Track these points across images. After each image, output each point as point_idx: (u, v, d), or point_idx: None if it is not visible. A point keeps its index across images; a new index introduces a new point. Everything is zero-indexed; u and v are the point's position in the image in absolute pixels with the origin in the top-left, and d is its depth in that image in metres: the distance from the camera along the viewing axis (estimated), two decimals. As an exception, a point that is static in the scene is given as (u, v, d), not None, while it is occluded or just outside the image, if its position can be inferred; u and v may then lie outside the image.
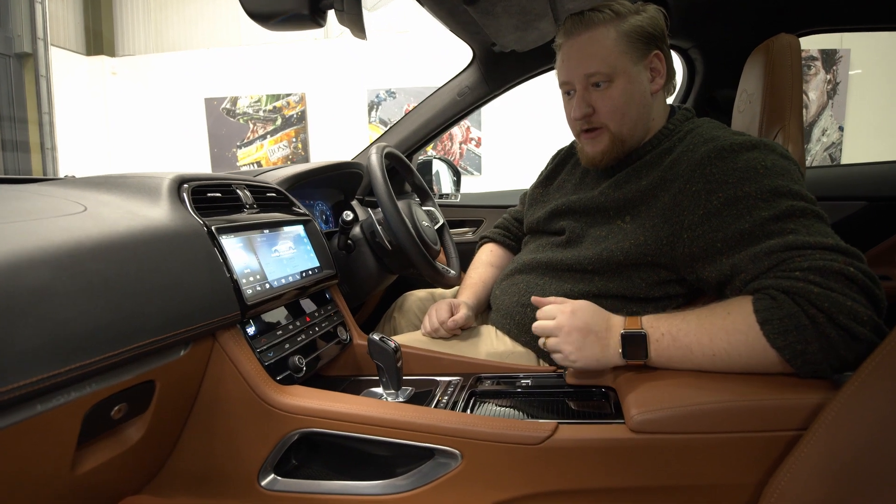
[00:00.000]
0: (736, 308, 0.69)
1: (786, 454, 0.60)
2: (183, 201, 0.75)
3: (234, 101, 5.81)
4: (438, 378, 0.90)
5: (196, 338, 0.66)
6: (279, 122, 5.75)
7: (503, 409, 0.79)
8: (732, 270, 0.74)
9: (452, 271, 1.24)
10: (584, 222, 0.97)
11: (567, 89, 0.96)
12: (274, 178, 1.10)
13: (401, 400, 0.82)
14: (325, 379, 0.96)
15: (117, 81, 6.06)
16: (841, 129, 4.83)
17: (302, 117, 5.72)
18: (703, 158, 0.80)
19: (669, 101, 1.00)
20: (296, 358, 0.78)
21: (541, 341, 0.79)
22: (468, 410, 0.77)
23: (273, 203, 0.96)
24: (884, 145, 4.53)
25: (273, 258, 0.85)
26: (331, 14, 0.86)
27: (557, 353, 0.75)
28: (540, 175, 1.18)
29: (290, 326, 0.83)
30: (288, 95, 5.71)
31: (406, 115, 1.56)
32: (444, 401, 0.80)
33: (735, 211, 0.75)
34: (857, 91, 4.74)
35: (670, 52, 0.95)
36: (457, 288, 1.25)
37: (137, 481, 0.72)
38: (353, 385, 0.92)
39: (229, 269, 0.72)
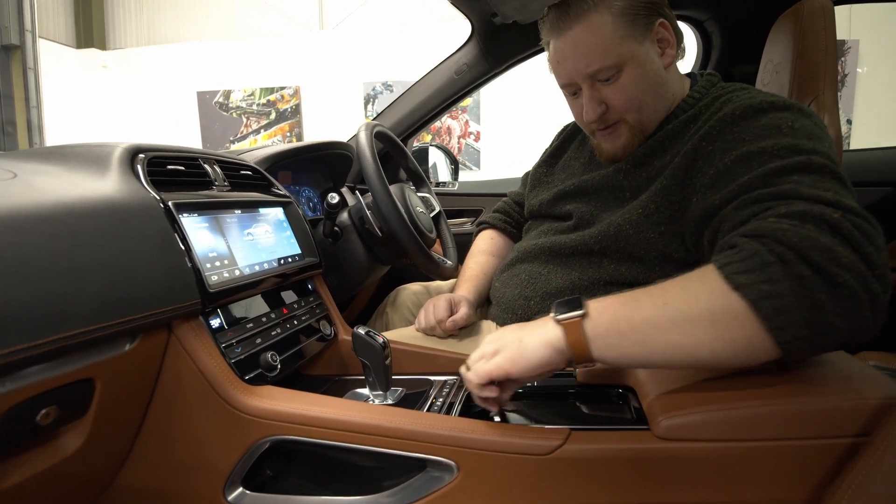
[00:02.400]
0: (694, 272, 0.55)
1: (844, 466, 0.50)
2: (136, 173, 0.65)
3: (227, 94, 5.71)
4: (433, 377, 0.81)
5: (145, 329, 0.56)
6: (273, 116, 5.64)
7: (506, 412, 0.70)
8: (719, 225, 0.63)
9: (449, 262, 1.14)
10: (595, 205, 0.87)
11: (571, 90, 0.85)
12: (252, 157, 1.00)
13: (389, 402, 0.72)
14: (307, 378, 0.86)
15: (108, 75, 5.95)
16: (849, 122, 4.74)
17: (296, 111, 5.62)
18: (725, 117, 0.71)
19: (687, 67, 0.90)
20: (269, 354, 0.68)
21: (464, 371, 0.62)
22: (465, 414, 0.68)
23: (248, 182, 0.86)
24: (894, 140, 4.44)
25: (245, 242, 0.76)
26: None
27: (480, 363, 0.59)
28: (543, 153, 1.08)
29: (264, 319, 0.73)
30: (282, 89, 5.61)
31: (399, 97, 1.46)
32: (438, 403, 0.71)
33: (744, 167, 0.64)
34: (866, 83, 4.65)
35: (673, 14, 0.85)
36: (454, 280, 1.15)
37: (81, 498, 0.62)
38: (337, 385, 0.83)
39: (189, 251, 0.63)
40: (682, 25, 1.32)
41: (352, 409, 0.62)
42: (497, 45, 1.32)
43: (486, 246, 1.12)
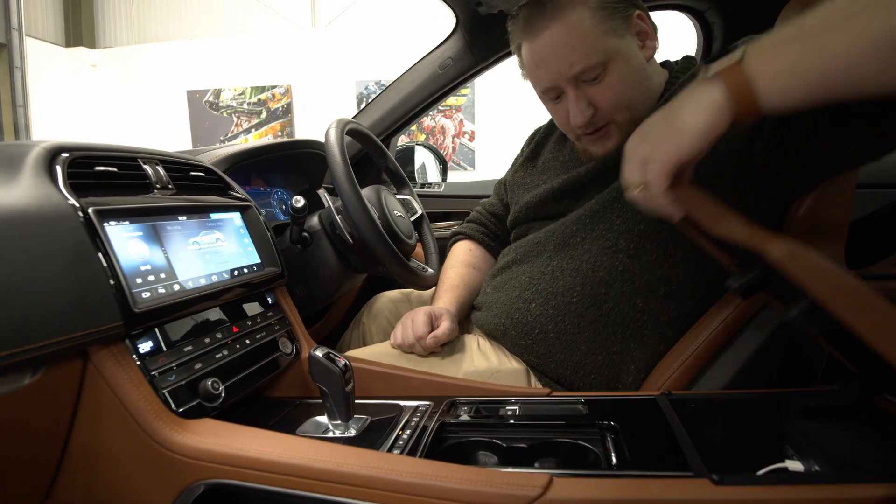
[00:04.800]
0: None
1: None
2: (54, 176, 0.56)
3: (218, 93, 5.62)
4: (403, 402, 0.72)
5: (50, 358, 0.48)
6: (264, 115, 5.56)
7: (480, 447, 0.61)
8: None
9: (430, 269, 1.06)
10: (596, 194, 0.81)
11: (553, 95, 0.79)
12: (210, 157, 0.91)
13: (351, 433, 0.64)
14: (268, 401, 0.78)
15: (97, 74, 5.85)
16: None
17: (288, 110, 5.53)
18: None
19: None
20: (209, 382, 0.60)
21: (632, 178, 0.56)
22: (436, 447, 0.60)
23: (200, 185, 0.78)
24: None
25: (190, 252, 0.67)
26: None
27: (647, 172, 0.52)
28: (518, 158, 1.04)
29: (207, 340, 0.64)
30: (273, 87, 5.52)
31: (380, 93, 1.37)
32: (405, 435, 0.62)
33: None
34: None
35: (645, 5, 0.80)
36: (434, 289, 1.07)
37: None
38: (297, 410, 0.74)
39: (112, 265, 0.54)
40: (681, 16, 1.24)
41: (298, 447, 0.53)
42: (483, 37, 1.24)
43: (464, 257, 1.04)
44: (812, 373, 0.78)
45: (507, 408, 0.68)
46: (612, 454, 0.54)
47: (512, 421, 0.64)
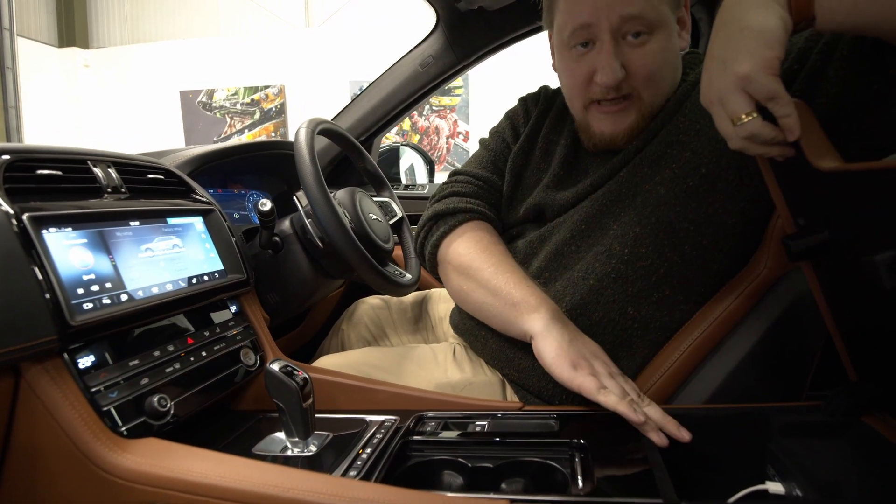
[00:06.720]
0: None
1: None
2: (-11, 180, 0.53)
3: (211, 94, 5.59)
4: (370, 417, 0.69)
5: (-28, 378, 0.45)
6: (257, 115, 5.52)
7: (445, 466, 0.58)
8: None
9: (408, 275, 1.02)
10: (605, 196, 0.74)
11: (583, 39, 0.69)
12: (175, 159, 0.88)
13: (311, 451, 0.61)
14: (232, 415, 0.74)
15: (90, 74, 5.82)
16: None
17: (281, 111, 5.50)
18: None
19: None
20: (156, 398, 0.57)
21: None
22: (398, 467, 0.56)
23: (158, 188, 0.74)
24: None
25: (142, 260, 0.64)
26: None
27: (729, 88, 0.49)
28: (510, 129, 0.89)
29: (157, 353, 0.61)
30: (266, 88, 5.48)
31: (360, 93, 1.34)
32: (364, 455, 0.59)
33: None
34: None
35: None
36: (422, 293, 1.01)
37: None
38: (260, 425, 0.71)
39: (47, 276, 0.51)
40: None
41: (243, 471, 0.50)
42: (464, 34, 1.21)
43: (498, 241, 0.82)
44: (801, 383, 0.75)
45: (477, 423, 0.64)
46: (579, 476, 0.51)
47: (480, 438, 0.61)
